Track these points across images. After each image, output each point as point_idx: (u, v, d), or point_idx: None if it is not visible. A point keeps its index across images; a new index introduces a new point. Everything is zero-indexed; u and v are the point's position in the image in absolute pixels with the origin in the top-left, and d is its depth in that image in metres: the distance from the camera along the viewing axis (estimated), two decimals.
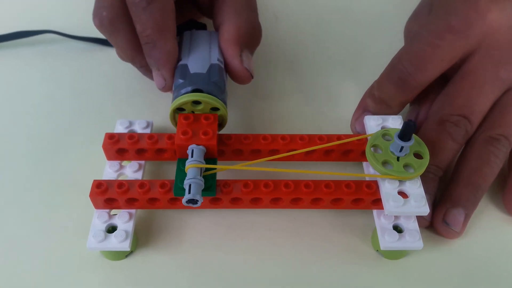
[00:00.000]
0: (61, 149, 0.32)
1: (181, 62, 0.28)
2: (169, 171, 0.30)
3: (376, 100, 0.30)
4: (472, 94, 0.29)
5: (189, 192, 0.24)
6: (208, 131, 0.26)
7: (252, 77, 0.29)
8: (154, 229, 0.28)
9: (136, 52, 0.29)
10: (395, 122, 0.29)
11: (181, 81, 0.27)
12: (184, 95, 0.26)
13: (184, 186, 0.24)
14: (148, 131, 0.30)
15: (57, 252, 0.27)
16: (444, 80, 0.30)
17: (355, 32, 0.41)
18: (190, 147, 0.26)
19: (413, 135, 0.26)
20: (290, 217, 0.28)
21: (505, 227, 0.28)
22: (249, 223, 0.28)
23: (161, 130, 0.32)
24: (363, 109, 0.30)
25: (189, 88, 0.26)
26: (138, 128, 0.30)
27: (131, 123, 0.30)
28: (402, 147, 0.25)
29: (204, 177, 0.25)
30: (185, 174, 0.25)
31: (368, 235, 0.28)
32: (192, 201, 0.24)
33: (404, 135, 0.25)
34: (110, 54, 0.38)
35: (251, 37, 0.30)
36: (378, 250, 0.27)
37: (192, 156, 0.25)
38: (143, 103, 0.35)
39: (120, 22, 0.28)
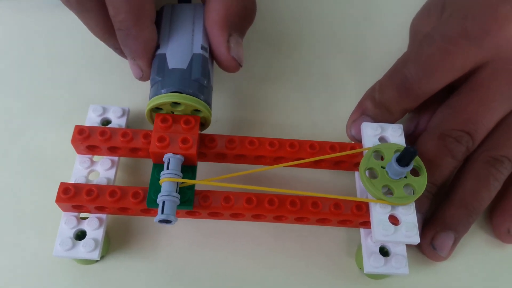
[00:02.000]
0: (27, 130, 0.29)
1: (159, 51, 0.25)
2: (147, 167, 0.28)
3: (376, 104, 0.27)
4: (479, 110, 0.26)
5: (162, 212, 0.22)
6: (187, 138, 0.23)
7: (241, 66, 0.26)
8: (128, 231, 0.26)
9: (108, 35, 0.25)
10: (394, 133, 0.26)
11: (158, 78, 0.24)
12: (160, 96, 0.23)
13: (157, 202, 0.22)
14: (123, 120, 0.27)
15: (23, 253, 0.25)
16: (448, 89, 0.28)
17: (363, 14, 0.36)
18: (167, 155, 0.23)
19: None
20: (272, 226, 0.26)
21: (493, 251, 0.27)
22: (229, 231, 0.26)
23: (140, 116, 0.30)
24: (361, 112, 0.27)
25: (166, 90, 0.23)
26: (113, 117, 0.27)
27: (105, 110, 0.28)
28: (397, 171, 0.23)
29: (181, 189, 0.23)
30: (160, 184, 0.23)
31: (353, 249, 0.26)
32: (165, 221, 0.22)
33: (404, 161, 0.23)
34: None
35: (242, 17, 0.26)
36: (361, 268, 0.25)
37: (168, 167, 0.23)
38: (121, 78, 0.31)
39: (90, 1, 0.24)
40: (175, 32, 0.25)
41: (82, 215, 0.25)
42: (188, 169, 0.24)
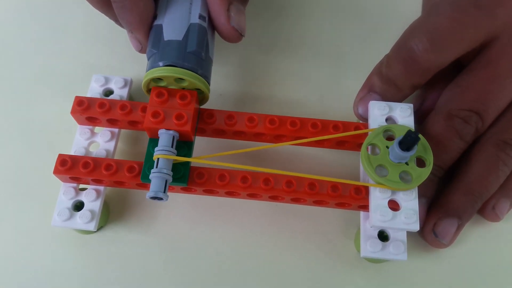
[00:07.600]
0: (31, 100, 0.29)
1: (156, 22, 0.24)
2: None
3: (383, 80, 0.25)
4: (490, 88, 0.24)
5: (153, 188, 0.21)
6: (182, 114, 0.23)
7: (243, 35, 0.25)
8: (128, 203, 0.26)
9: (106, 7, 0.24)
10: (403, 113, 0.24)
11: (154, 51, 0.23)
12: (153, 70, 0.23)
13: (149, 178, 0.22)
14: (125, 91, 0.27)
15: (24, 222, 0.26)
16: (459, 68, 0.26)
17: None
18: (161, 131, 0.23)
19: (420, 136, 0.22)
20: (271, 204, 0.26)
21: (495, 238, 0.26)
22: (227, 207, 0.26)
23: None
24: (368, 89, 0.26)
25: (160, 63, 0.22)
26: (115, 87, 0.27)
27: (107, 80, 0.27)
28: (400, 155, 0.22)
29: (175, 165, 0.23)
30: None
31: (353, 232, 0.26)
32: (156, 198, 0.22)
33: (404, 145, 0.21)
34: None
35: None
36: (359, 251, 0.25)
37: (161, 144, 0.22)
38: (128, 48, 0.30)
39: None
40: (173, 1, 0.24)
41: (82, 185, 0.25)
42: (184, 145, 0.24)
